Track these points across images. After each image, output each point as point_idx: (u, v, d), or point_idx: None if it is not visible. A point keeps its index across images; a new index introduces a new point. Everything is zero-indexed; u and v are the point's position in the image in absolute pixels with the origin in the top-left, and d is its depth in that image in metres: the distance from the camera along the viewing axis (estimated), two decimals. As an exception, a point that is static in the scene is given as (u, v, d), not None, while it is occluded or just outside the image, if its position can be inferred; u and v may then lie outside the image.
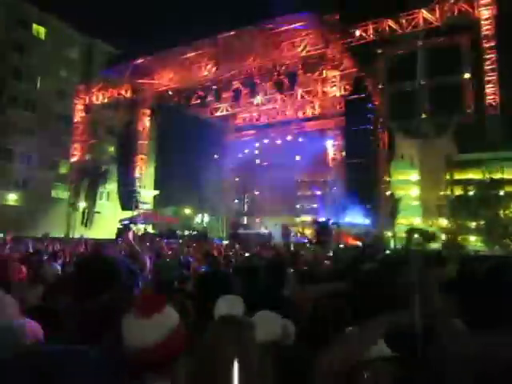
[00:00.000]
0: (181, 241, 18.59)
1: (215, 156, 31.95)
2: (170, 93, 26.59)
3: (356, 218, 19.80)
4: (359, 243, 16.03)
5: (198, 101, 26.03)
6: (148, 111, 28.58)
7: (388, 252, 12.93)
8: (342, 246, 16.63)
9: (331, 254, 9.43)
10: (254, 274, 4.30)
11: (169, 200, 36.05)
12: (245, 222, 30.59)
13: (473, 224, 23.22)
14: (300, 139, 28.43)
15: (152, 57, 25.11)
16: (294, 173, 28.82)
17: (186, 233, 27.57)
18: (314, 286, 2.92)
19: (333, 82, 23.05)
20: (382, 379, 1.63)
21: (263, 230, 24.82)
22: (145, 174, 30.18)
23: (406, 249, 10.00)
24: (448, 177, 25.39)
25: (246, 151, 31.03)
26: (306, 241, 20.19)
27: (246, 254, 9.69)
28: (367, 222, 19.27)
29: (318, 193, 28.69)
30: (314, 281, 3.38)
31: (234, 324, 1.62)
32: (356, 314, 2.13)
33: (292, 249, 12.88)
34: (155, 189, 37.24)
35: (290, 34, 22.39)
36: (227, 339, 1.53)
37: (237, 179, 32.18)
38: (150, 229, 28.46)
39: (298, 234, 23.08)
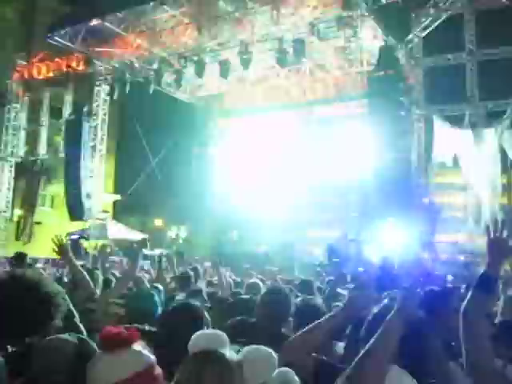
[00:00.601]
0: (149, 262, 18.46)
1: (196, 149, 31.83)
2: (136, 65, 26.41)
3: (383, 233, 19.77)
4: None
5: (174, 76, 25.85)
6: (106, 88, 28.38)
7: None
8: (361, 269, 16.51)
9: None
10: (246, 309, 4.15)
11: (133, 208, 35.95)
12: (234, 238, 30.42)
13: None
14: (308, 129, 28.39)
15: (113, 17, 24.93)
16: (299, 173, 28.69)
17: (157, 251, 27.36)
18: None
19: (352, 53, 23.00)
20: None
21: (258, 249, 24.75)
22: (102, 172, 29.92)
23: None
24: (504, 180, 25.37)
25: (237, 144, 30.92)
26: (317, 263, 20.14)
27: (237, 280, 9.71)
28: (398, 238, 19.24)
29: (332, 199, 28.56)
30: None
31: (214, 361, 1.78)
32: None
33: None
34: (115, 192, 37.12)
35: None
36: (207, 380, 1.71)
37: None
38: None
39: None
